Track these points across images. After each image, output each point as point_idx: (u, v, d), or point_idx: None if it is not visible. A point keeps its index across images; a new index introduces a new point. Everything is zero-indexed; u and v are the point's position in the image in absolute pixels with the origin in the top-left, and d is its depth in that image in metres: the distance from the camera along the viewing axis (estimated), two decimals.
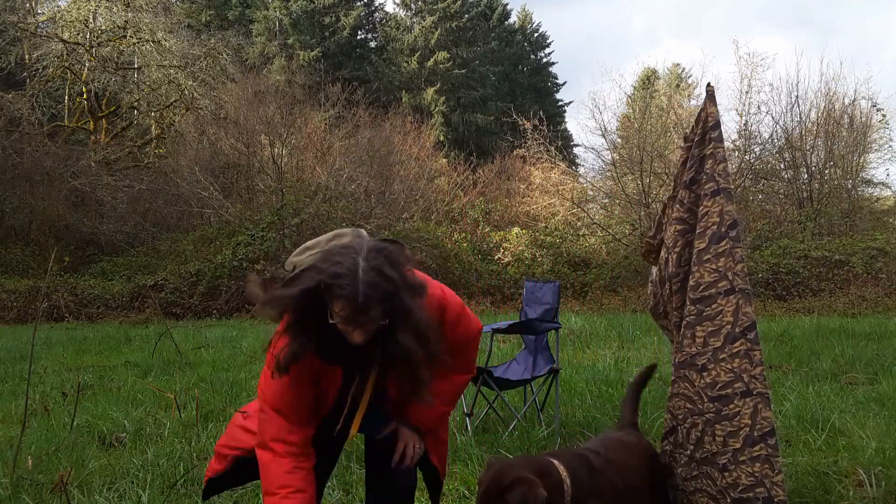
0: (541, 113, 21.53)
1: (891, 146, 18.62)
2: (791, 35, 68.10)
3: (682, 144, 2.44)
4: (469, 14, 36.99)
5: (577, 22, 74.19)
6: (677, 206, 2.34)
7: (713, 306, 2.18)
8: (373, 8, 38.28)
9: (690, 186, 2.30)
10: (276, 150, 18.58)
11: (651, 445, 2.33)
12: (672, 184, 2.48)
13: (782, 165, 18.52)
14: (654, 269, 2.55)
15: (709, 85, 2.34)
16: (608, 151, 20.13)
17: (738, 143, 18.40)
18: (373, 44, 37.70)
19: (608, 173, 20.15)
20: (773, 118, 18.51)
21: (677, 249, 2.30)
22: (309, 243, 2.01)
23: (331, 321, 1.66)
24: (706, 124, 2.29)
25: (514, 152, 22.92)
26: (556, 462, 1.93)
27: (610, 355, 6.76)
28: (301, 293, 1.65)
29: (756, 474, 2.08)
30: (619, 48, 72.82)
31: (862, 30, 62.42)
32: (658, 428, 3.78)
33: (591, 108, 30.88)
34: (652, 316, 2.55)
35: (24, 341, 8.88)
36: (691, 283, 2.22)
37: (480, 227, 17.42)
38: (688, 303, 2.22)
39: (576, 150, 30.10)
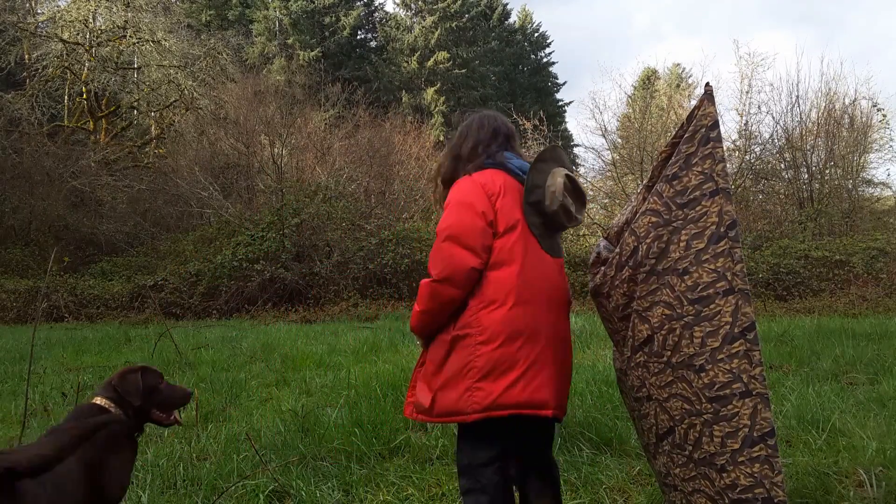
0: (541, 113, 21.54)
1: (891, 146, 18.63)
2: (797, 31, 68.14)
3: (671, 140, 2.42)
4: (469, 14, 37.01)
5: (579, 19, 74.41)
6: (654, 197, 2.31)
7: (711, 307, 2.17)
8: (373, 8, 38.31)
9: (671, 181, 2.28)
10: (276, 150, 18.59)
11: None
12: (649, 176, 2.46)
13: (783, 165, 18.53)
14: (602, 243, 2.54)
15: (707, 84, 2.33)
16: (608, 151, 20.17)
17: (738, 143, 18.42)
18: (373, 44, 37.73)
19: (608, 173, 20.17)
20: (773, 118, 18.56)
21: (648, 241, 2.29)
22: None
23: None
24: (700, 123, 2.28)
25: None
26: None
27: (610, 355, 6.75)
28: None
29: (755, 475, 2.08)
30: (621, 46, 72.99)
31: (870, 26, 62.16)
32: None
33: (592, 108, 31.04)
34: (591, 293, 2.49)
35: (24, 341, 8.88)
36: (689, 283, 2.21)
37: None
38: (685, 303, 2.21)
39: (576, 150, 30.16)
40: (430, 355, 2.34)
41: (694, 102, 2.36)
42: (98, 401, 2.29)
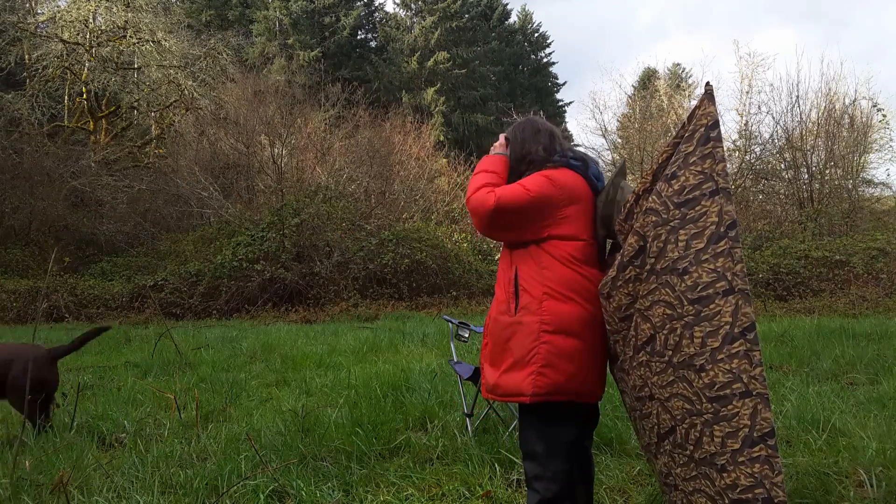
0: (541, 113, 21.55)
1: (891, 146, 18.64)
2: (802, 28, 67.91)
3: (672, 140, 2.42)
4: (469, 14, 37.01)
5: (581, 16, 74.32)
6: (654, 196, 2.32)
7: (711, 307, 2.17)
8: (373, 8, 38.31)
9: (670, 180, 2.28)
10: (276, 150, 18.59)
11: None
12: (651, 177, 2.45)
13: (783, 165, 18.54)
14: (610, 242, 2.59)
15: (707, 84, 2.32)
16: (608, 151, 20.17)
17: (738, 143, 18.44)
18: (373, 44, 37.73)
19: (608, 173, 20.15)
20: (773, 118, 18.57)
21: (650, 240, 2.30)
22: None
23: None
24: (700, 122, 2.28)
25: None
26: None
27: None
28: None
29: (756, 475, 2.07)
30: (625, 43, 72.86)
31: (877, 24, 61.78)
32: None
33: (592, 108, 31.05)
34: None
35: (24, 342, 8.86)
36: (688, 283, 2.21)
37: None
38: (685, 303, 2.21)
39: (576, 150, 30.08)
40: (494, 337, 2.49)
41: (694, 102, 2.36)
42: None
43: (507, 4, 39.69)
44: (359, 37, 37.23)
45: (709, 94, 2.29)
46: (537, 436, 2.44)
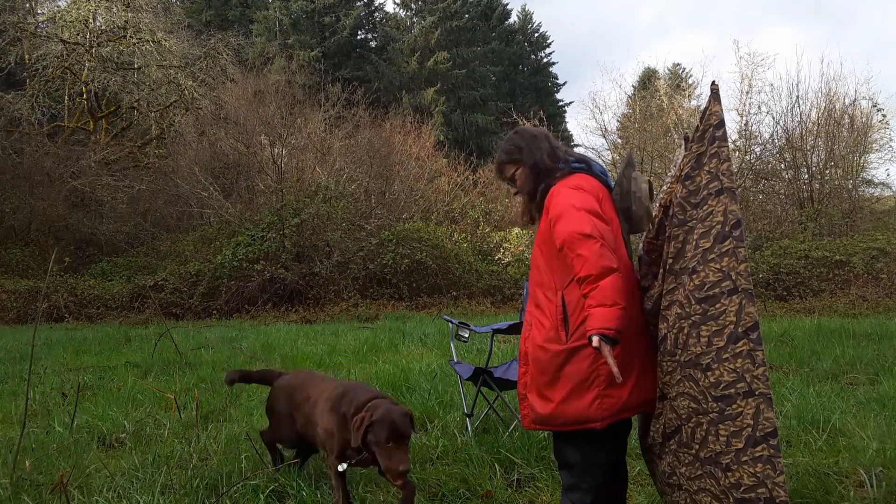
0: (541, 113, 21.53)
1: (891, 146, 18.64)
2: (805, 26, 67.75)
3: (683, 144, 2.43)
4: (469, 14, 36.98)
5: (582, 14, 74.22)
6: (673, 198, 2.35)
7: (717, 306, 2.18)
8: (373, 8, 38.29)
9: (685, 182, 2.30)
10: (276, 150, 18.58)
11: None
12: (671, 182, 2.47)
13: (783, 165, 18.53)
14: (645, 259, 2.61)
15: (713, 83, 2.32)
16: (608, 151, 20.14)
17: (738, 143, 18.42)
18: (373, 44, 37.71)
19: (610, 172, 20.17)
20: (773, 118, 18.54)
21: (671, 242, 2.34)
22: None
23: None
24: (708, 122, 2.29)
25: None
26: None
27: None
28: None
29: (758, 475, 2.08)
30: (626, 41, 72.70)
31: (883, 22, 61.44)
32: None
33: (591, 109, 30.92)
34: None
35: (24, 342, 8.87)
36: (696, 282, 2.22)
37: (480, 228, 17.41)
38: (693, 302, 2.23)
39: (576, 150, 30.10)
40: (540, 366, 2.37)
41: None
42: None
43: (507, 4, 39.68)
44: (359, 37, 37.21)
45: (714, 94, 2.30)
46: (584, 449, 2.37)
